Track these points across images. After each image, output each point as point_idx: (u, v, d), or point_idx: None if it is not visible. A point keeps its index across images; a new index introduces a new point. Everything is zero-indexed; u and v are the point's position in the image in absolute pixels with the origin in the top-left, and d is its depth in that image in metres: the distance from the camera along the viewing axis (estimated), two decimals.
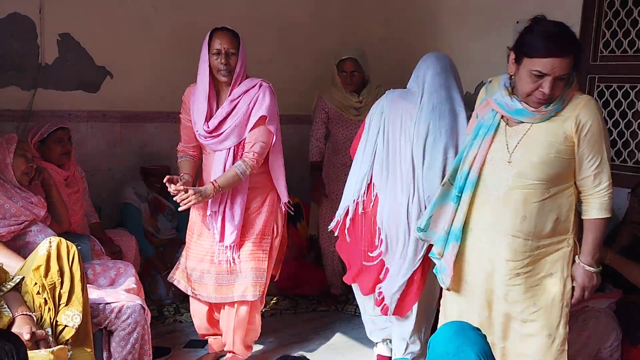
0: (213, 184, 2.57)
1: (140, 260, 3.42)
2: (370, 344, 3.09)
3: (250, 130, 2.66)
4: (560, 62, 1.91)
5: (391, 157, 2.61)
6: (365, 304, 2.92)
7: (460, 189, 2.15)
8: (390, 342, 2.96)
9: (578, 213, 2.13)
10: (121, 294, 2.47)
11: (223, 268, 2.75)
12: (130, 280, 2.65)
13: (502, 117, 2.11)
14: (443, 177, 2.45)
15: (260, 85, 2.68)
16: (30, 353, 1.78)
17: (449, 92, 2.60)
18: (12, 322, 1.99)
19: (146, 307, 2.46)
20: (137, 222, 3.56)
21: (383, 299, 2.69)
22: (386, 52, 4.22)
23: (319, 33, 4.34)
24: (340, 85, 3.60)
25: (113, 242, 3.19)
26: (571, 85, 2.02)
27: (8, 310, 2.01)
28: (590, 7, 3.23)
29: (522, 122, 2.06)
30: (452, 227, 2.19)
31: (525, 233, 2.06)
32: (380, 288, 2.68)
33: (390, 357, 2.98)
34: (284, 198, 2.82)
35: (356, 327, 3.22)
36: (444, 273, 2.24)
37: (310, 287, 3.86)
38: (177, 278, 2.89)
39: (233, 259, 2.73)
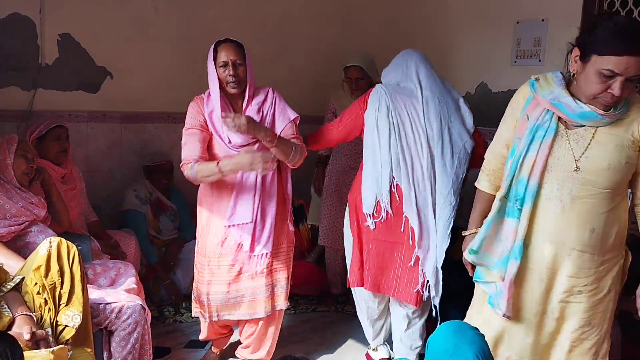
0: (274, 132, 2.52)
1: (141, 260, 3.43)
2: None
3: (282, 131, 2.63)
4: (635, 61, 1.72)
5: (407, 151, 2.67)
6: (370, 306, 2.93)
7: (521, 200, 1.94)
8: (387, 343, 2.98)
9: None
10: (121, 294, 2.47)
11: (258, 282, 2.67)
12: (131, 281, 2.65)
13: (560, 118, 1.92)
14: (465, 160, 2.67)
15: (273, 91, 2.68)
16: (30, 353, 1.79)
17: (444, 84, 2.77)
18: (12, 323, 1.99)
19: (146, 307, 2.46)
20: (143, 227, 3.57)
21: (418, 292, 2.72)
22: (386, 52, 4.21)
23: (319, 33, 4.34)
24: (347, 89, 3.61)
25: (110, 237, 3.19)
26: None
27: (8, 310, 2.02)
28: (590, 7, 3.23)
29: (584, 125, 1.88)
30: (515, 244, 1.96)
31: (593, 247, 1.91)
32: (425, 278, 2.70)
33: (390, 358, 2.99)
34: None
35: (356, 327, 3.21)
36: (500, 297, 2.00)
37: (310, 287, 3.86)
38: (199, 311, 2.77)
39: (267, 269, 2.67)
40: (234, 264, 2.64)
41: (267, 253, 2.64)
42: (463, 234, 2.26)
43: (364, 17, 4.48)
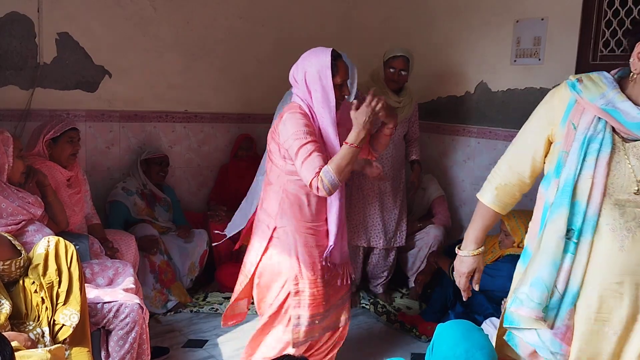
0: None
1: (138, 260, 3.42)
2: (370, 343, 3.08)
3: None
4: None
5: None
6: None
7: (578, 231, 1.58)
8: None
9: None
10: (119, 293, 2.46)
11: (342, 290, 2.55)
12: (129, 280, 2.65)
13: (614, 128, 1.58)
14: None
15: None
16: (27, 352, 1.78)
17: None
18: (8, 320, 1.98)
19: (144, 307, 2.46)
20: (119, 217, 3.57)
21: None
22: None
23: (319, 33, 4.33)
24: (382, 82, 3.54)
25: (109, 241, 3.18)
26: None
27: (5, 307, 2.00)
28: (590, 6, 3.23)
29: None
30: (569, 286, 1.59)
31: None
32: None
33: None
34: None
35: (354, 327, 3.21)
36: (559, 350, 1.62)
37: None
38: (300, 338, 2.41)
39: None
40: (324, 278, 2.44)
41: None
42: (460, 254, 1.91)
43: (363, 16, 4.47)
